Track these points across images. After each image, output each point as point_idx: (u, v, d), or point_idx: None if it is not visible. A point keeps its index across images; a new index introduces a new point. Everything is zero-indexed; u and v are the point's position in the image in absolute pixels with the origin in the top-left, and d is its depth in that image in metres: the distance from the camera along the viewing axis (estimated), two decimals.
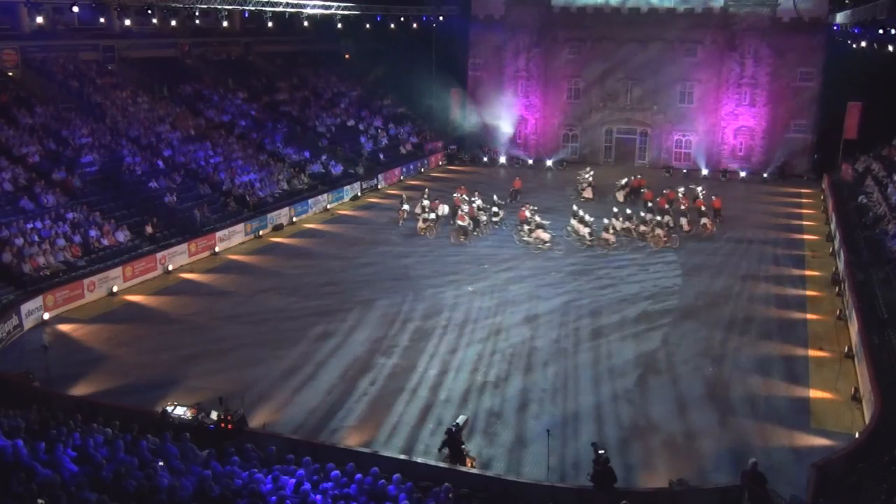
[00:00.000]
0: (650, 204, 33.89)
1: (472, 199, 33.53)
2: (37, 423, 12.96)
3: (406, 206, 33.71)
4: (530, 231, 30.05)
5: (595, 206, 35.35)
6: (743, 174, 44.09)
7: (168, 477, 11.18)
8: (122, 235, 27.25)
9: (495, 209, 33.16)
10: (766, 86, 44.54)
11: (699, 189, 36.34)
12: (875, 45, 36.64)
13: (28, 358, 19.01)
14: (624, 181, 38.38)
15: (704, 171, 44.69)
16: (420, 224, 31.61)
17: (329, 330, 21.52)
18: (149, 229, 28.15)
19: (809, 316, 22.63)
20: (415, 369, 18.94)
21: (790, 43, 43.57)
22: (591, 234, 29.81)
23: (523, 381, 18.35)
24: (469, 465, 13.90)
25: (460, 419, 14.48)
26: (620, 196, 37.14)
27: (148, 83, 39.34)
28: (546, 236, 29.63)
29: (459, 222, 30.87)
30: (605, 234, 29.75)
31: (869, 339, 18.48)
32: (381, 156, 44.53)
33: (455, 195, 34.22)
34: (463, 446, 14.16)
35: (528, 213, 31.01)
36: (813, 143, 44.92)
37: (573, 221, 30.79)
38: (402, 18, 46.87)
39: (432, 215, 32.04)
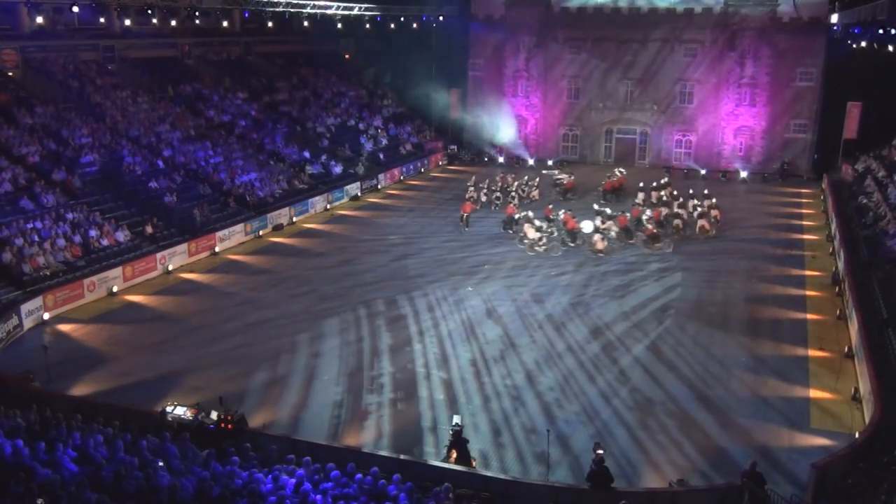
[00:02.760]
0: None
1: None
2: (37, 423, 12.95)
3: (542, 235, 29.61)
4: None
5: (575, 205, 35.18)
6: (743, 174, 44.06)
7: (168, 477, 11.18)
8: (122, 235, 27.25)
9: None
10: (766, 86, 44.51)
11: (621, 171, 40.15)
12: (875, 45, 36.68)
13: (28, 358, 19.02)
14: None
15: (703, 171, 44.68)
16: (599, 246, 28.63)
17: (330, 329, 21.53)
18: (149, 229, 28.15)
19: (809, 316, 22.63)
20: (419, 373, 18.96)
21: (790, 43, 43.54)
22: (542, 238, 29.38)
23: (529, 383, 18.36)
24: (471, 464, 13.90)
25: (457, 418, 14.46)
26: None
27: (148, 83, 39.34)
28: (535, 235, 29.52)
29: (648, 226, 30.07)
30: (595, 238, 29.15)
31: (869, 339, 18.48)
32: (381, 156, 44.52)
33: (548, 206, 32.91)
34: (468, 445, 14.15)
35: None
36: (813, 143, 44.92)
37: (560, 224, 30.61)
38: (402, 18, 46.88)
39: (613, 233, 29.78)
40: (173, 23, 37.52)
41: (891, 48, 35.42)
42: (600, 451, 12.85)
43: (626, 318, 22.54)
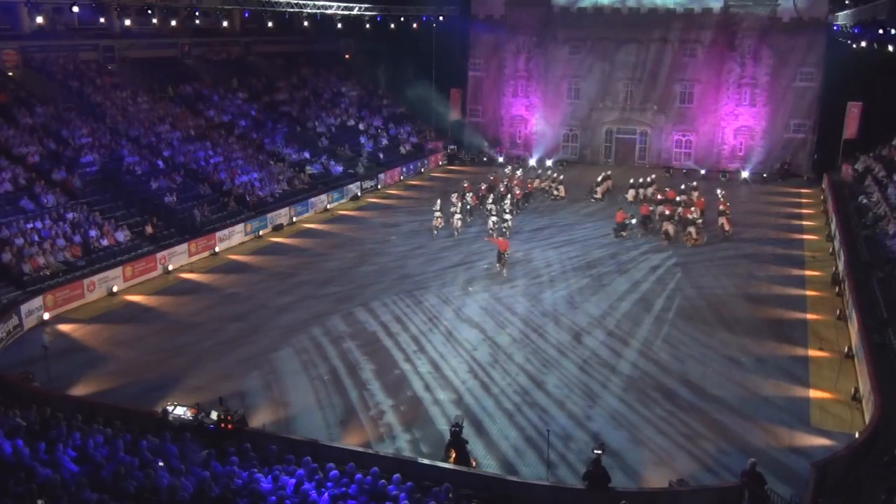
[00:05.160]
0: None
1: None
2: (37, 423, 12.95)
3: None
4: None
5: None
6: (744, 174, 44.04)
7: (168, 477, 11.18)
8: (122, 235, 27.26)
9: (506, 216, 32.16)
10: (766, 86, 44.55)
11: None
12: (875, 45, 36.62)
13: (28, 358, 19.01)
14: (632, 181, 38.21)
15: (703, 171, 44.68)
16: (693, 234, 30.19)
17: (329, 329, 21.53)
18: (149, 229, 28.15)
19: (809, 316, 22.62)
20: (417, 373, 18.97)
21: (790, 43, 43.58)
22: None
23: (535, 385, 18.37)
24: (470, 464, 13.89)
25: (458, 418, 14.42)
26: (630, 196, 37.10)
27: (148, 83, 39.34)
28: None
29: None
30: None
31: (869, 339, 18.48)
32: (381, 156, 44.54)
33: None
34: (467, 446, 14.14)
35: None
36: (813, 143, 44.94)
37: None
38: (402, 18, 46.87)
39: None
40: (173, 23, 37.45)
41: (891, 48, 35.34)
42: (598, 451, 12.83)
43: (623, 316, 22.54)
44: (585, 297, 24.30)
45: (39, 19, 33.41)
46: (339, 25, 43.46)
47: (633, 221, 31.71)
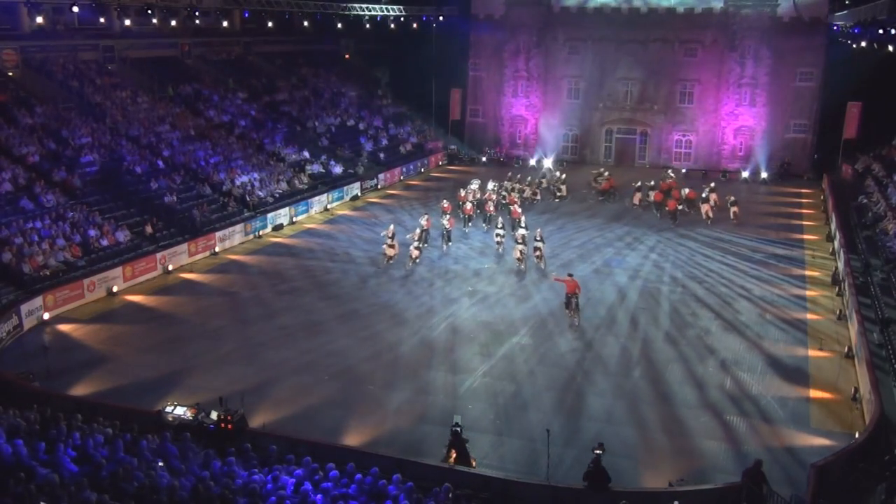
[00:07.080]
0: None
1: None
2: (37, 423, 12.95)
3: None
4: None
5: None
6: (745, 174, 44.01)
7: (168, 477, 11.18)
8: (122, 235, 27.25)
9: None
10: (766, 86, 44.56)
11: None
12: (875, 45, 36.67)
13: (28, 358, 18.99)
14: (638, 184, 37.69)
15: (703, 171, 44.69)
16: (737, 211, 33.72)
17: (330, 330, 21.53)
18: (149, 229, 28.15)
19: (809, 316, 22.62)
20: (417, 373, 18.96)
21: (790, 43, 43.57)
22: None
23: (532, 385, 18.35)
24: (471, 464, 13.89)
25: (458, 418, 14.41)
26: (636, 199, 36.78)
27: (148, 83, 39.33)
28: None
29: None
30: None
31: (869, 339, 18.48)
32: (381, 156, 44.54)
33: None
34: (467, 445, 14.13)
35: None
36: (813, 143, 44.96)
37: None
38: (402, 18, 46.90)
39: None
40: (173, 23, 37.46)
41: (891, 48, 35.36)
42: (598, 451, 12.82)
43: (620, 315, 22.53)
44: (582, 293, 24.25)
45: (39, 19, 33.39)
46: (339, 25, 43.47)
47: (681, 208, 33.55)
